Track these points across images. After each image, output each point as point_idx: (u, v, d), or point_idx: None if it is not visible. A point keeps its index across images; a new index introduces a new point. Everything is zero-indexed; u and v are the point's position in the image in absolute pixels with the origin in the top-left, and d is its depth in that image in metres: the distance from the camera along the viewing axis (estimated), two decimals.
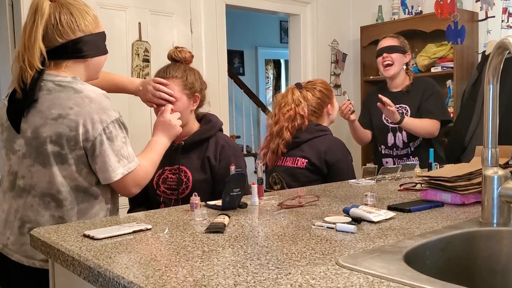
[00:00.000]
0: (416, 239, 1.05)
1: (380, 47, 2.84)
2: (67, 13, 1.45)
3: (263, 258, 0.95)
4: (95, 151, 1.43)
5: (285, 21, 5.72)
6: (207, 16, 3.80)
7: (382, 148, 2.85)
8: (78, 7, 1.48)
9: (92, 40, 1.50)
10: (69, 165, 1.43)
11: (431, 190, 1.47)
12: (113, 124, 1.45)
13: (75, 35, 1.46)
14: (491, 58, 1.16)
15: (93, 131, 1.41)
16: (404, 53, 2.81)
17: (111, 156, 1.44)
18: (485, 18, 3.82)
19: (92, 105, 1.42)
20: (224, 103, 3.95)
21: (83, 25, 1.47)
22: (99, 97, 1.45)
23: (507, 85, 2.60)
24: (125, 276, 0.86)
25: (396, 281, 0.80)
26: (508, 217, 1.18)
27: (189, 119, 1.93)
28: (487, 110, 1.18)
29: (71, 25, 1.45)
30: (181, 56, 1.91)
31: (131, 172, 1.49)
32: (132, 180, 1.50)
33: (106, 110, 1.44)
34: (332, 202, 1.52)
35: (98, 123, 1.42)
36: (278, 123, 2.30)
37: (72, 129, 1.40)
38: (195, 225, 1.25)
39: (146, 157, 1.62)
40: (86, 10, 1.50)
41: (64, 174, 1.43)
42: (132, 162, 1.49)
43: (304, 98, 2.29)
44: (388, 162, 2.82)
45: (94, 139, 1.41)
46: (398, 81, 2.82)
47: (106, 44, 1.60)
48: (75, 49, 1.47)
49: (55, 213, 1.44)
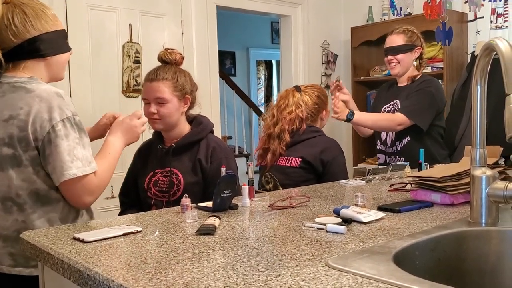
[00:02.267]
0: (405, 240, 1.05)
1: (385, 46, 2.75)
2: (20, 13, 1.41)
3: (253, 260, 0.95)
4: (45, 150, 1.38)
5: (276, 22, 5.73)
6: (198, 17, 3.80)
7: (378, 143, 2.85)
8: (33, 6, 1.44)
9: (50, 38, 1.46)
10: (25, 167, 1.39)
11: (421, 190, 1.48)
12: (63, 123, 1.38)
13: (31, 34, 1.42)
14: (478, 59, 1.17)
15: (42, 130, 1.37)
16: (412, 49, 2.68)
17: (61, 155, 1.37)
18: (474, 19, 3.85)
19: (42, 104, 1.37)
20: (216, 104, 3.95)
21: (38, 24, 1.43)
22: (50, 95, 1.39)
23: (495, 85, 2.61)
24: (115, 279, 0.86)
25: (385, 281, 0.80)
26: (496, 217, 1.19)
27: (180, 121, 1.92)
28: (475, 111, 1.19)
29: (25, 24, 1.41)
30: (172, 57, 1.90)
31: (85, 178, 1.40)
32: (84, 187, 1.41)
33: (57, 109, 1.38)
34: (323, 202, 1.53)
35: (46, 121, 1.37)
36: (278, 124, 2.31)
37: (22, 129, 1.37)
38: (186, 227, 1.24)
39: (104, 162, 1.50)
40: (42, 9, 1.46)
41: (22, 177, 1.39)
42: (87, 167, 1.40)
43: (303, 101, 2.33)
44: (380, 158, 2.82)
45: (43, 138, 1.37)
46: (405, 77, 2.77)
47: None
48: (32, 48, 1.43)
49: (18, 218, 1.41)
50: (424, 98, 2.62)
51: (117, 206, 2.13)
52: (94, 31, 3.24)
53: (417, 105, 2.61)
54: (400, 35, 2.70)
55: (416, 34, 2.72)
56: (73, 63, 3.14)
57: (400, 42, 2.69)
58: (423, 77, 2.74)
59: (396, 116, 2.60)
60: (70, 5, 3.13)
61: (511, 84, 1.04)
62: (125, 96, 3.39)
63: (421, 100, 2.61)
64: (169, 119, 1.87)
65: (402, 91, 2.74)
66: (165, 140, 1.97)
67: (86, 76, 3.21)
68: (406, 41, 2.69)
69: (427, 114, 2.62)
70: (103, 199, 3.13)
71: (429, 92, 2.64)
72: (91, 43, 3.21)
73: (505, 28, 3.68)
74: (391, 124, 2.61)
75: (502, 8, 3.69)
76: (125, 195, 2.06)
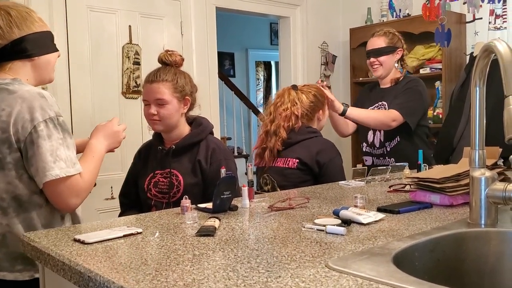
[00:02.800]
0: (405, 241, 1.06)
1: (367, 49, 2.77)
2: (5, 15, 1.43)
3: (254, 261, 0.95)
4: (28, 151, 1.37)
5: (275, 23, 5.73)
6: (197, 18, 3.81)
7: (363, 145, 2.84)
8: (18, 9, 1.46)
9: (36, 39, 1.47)
10: (9, 170, 1.39)
11: (420, 191, 1.49)
12: (45, 123, 1.37)
13: (16, 35, 1.43)
14: (477, 61, 1.17)
15: (23, 130, 1.36)
16: (394, 51, 2.70)
17: (43, 156, 1.36)
18: (472, 20, 3.86)
19: (23, 105, 1.37)
20: (215, 105, 3.96)
21: (24, 25, 1.44)
22: (32, 96, 1.39)
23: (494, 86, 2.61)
24: (116, 281, 0.86)
25: (384, 283, 0.81)
26: (495, 218, 1.19)
27: (180, 123, 1.93)
28: (474, 113, 1.20)
29: (11, 25, 1.42)
30: (172, 59, 1.91)
31: (69, 179, 1.39)
32: (69, 188, 1.40)
33: (39, 109, 1.38)
34: (322, 204, 1.53)
35: (28, 122, 1.36)
36: (275, 121, 2.32)
37: (4, 130, 1.37)
38: (186, 229, 1.25)
39: (89, 165, 1.50)
40: (28, 11, 1.47)
41: (7, 181, 1.39)
42: (71, 168, 1.39)
43: (299, 99, 2.33)
44: (367, 161, 2.79)
45: (25, 139, 1.37)
46: (387, 79, 2.78)
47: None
48: (18, 49, 1.44)
49: (2, 221, 1.41)
50: (415, 97, 2.64)
51: (116, 207, 2.14)
52: (93, 32, 3.24)
53: (410, 102, 2.62)
54: (382, 37, 2.73)
55: (397, 36, 2.75)
56: (73, 65, 3.15)
57: (381, 44, 2.71)
58: (407, 77, 2.77)
59: (390, 112, 2.59)
60: (70, 7, 3.14)
61: (510, 85, 1.05)
62: (124, 97, 3.40)
63: (412, 98, 2.63)
64: (169, 121, 1.88)
65: (387, 92, 2.75)
66: (165, 142, 1.97)
67: (86, 78, 3.22)
68: (388, 43, 2.71)
69: (416, 113, 2.64)
70: (103, 200, 3.13)
71: (418, 91, 2.65)
72: (90, 44, 3.21)
73: (504, 29, 3.69)
74: (386, 119, 2.59)
75: (501, 9, 3.70)
76: (125, 196, 2.07)
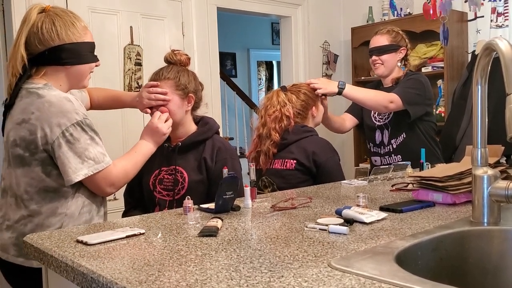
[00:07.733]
0: (407, 240, 1.06)
1: (370, 47, 2.76)
2: (49, 23, 1.51)
3: (256, 261, 0.95)
4: (55, 154, 1.48)
5: (277, 23, 5.74)
6: (198, 19, 3.81)
7: (371, 146, 2.84)
8: (64, 17, 1.54)
9: (73, 49, 1.55)
10: (34, 167, 1.49)
11: (423, 190, 1.48)
12: (74, 127, 1.48)
13: (54, 42, 1.52)
14: (479, 59, 1.17)
15: (52, 134, 1.46)
16: (397, 50, 2.67)
17: (71, 159, 1.47)
18: (474, 18, 3.85)
19: (51, 109, 1.47)
20: (217, 105, 3.96)
21: (64, 34, 1.52)
22: (59, 101, 1.49)
23: (496, 84, 2.60)
24: (119, 282, 0.86)
25: (387, 282, 0.81)
26: (498, 216, 1.19)
27: (185, 120, 1.94)
28: (476, 111, 1.19)
29: (51, 33, 1.51)
30: (176, 58, 1.93)
31: (101, 172, 1.52)
32: (104, 179, 1.54)
33: (66, 113, 1.48)
34: (325, 203, 1.53)
35: (56, 126, 1.46)
36: (266, 125, 2.30)
37: (32, 133, 1.47)
38: (188, 229, 1.25)
39: (127, 158, 1.67)
40: (73, 21, 1.55)
41: (31, 176, 1.50)
42: (100, 163, 1.52)
43: (289, 100, 2.31)
44: (377, 161, 2.79)
45: (53, 142, 1.47)
46: (389, 78, 2.77)
47: (98, 47, 1.63)
48: (54, 56, 1.53)
49: (24, 213, 1.52)
50: (416, 85, 2.60)
51: (120, 208, 2.14)
52: (95, 33, 3.19)
53: (410, 89, 2.58)
54: (384, 35, 2.70)
55: (401, 34, 2.71)
56: None
57: (384, 42, 2.69)
58: (408, 73, 2.72)
59: (389, 95, 2.56)
60: (71, 8, 3.14)
61: (511, 83, 1.04)
62: None
63: (412, 86, 2.59)
64: (172, 117, 1.88)
65: (388, 91, 2.70)
66: (171, 139, 1.98)
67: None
68: (391, 42, 2.68)
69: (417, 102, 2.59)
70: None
71: (419, 81, 2.63)
72: None
73: (505, 27, 3.68)
74: (383, 101, 2.54)
75: (502, 7, 3.70)
76: (130, 195, 2.07)
